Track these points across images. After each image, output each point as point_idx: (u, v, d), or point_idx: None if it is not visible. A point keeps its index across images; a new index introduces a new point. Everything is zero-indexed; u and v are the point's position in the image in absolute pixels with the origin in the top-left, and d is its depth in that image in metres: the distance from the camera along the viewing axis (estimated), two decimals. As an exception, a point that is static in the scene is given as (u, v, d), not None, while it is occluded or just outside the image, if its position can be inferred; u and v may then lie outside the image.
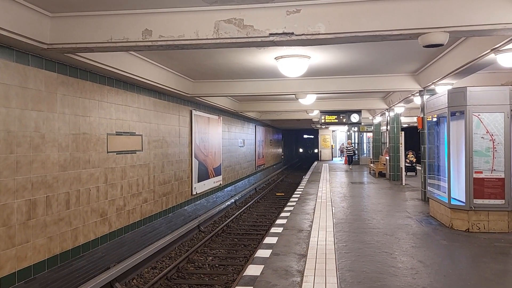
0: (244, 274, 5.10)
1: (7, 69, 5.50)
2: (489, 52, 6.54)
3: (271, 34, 4.99)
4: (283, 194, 20.41)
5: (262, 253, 5.99)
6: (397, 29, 4.82)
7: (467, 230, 7.31)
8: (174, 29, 5.22)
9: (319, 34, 4.92)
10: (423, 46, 5.00)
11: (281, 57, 7.87)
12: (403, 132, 15.65)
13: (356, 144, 31.85)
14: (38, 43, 5.34)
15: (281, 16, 4.97)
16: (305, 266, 5.35)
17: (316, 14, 4.93)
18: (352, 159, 26.01)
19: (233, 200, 17.13)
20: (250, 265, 5.42)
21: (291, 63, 7.91)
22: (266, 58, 8.42)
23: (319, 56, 8.27)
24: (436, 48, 5.16)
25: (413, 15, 4.78)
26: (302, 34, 4.94)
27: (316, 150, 46.44)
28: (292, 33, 4.94)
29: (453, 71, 8.11)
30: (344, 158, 28.47)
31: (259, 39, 5.07)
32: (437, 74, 9.16)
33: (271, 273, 5.11)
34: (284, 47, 7.23)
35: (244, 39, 5.10)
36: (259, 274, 5.04)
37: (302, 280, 4.84)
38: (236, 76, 10.89)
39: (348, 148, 26.34)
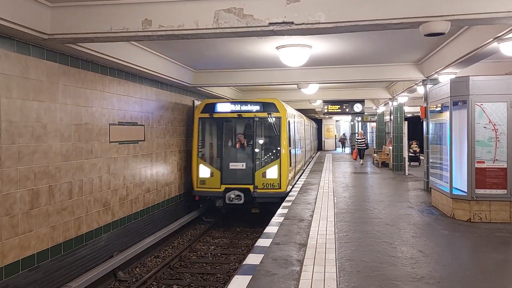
0: (244, 263, 5.14)
1: (8, 59, 5.50)
2: (492, 41, 6.47)
3: (271, 24, 4.95)
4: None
5: (262, 242, 6.03)
6: (397, 17, 4.77)
7: (469, 220, 7.30)
8: (174, 19, 5.19)
9: (319, 23, 4.88)
10: (424, 35, 4.96)
11: (282, 46, 7.83)
12: (406, 122, 15.58)
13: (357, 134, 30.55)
14: (38, 33, 5.34)
15: (281, 5, 4.93)
16: (304, 256, 5.38)
17: (316, 3, 4.88)
18: (363, 153, 20.83)
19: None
20: (250, 254, 5.47)
21: (292, 53, 7.87)
22: (267, 47, 8.37)
23: (320, 46, 8.21)
24: (438, 37, 5.11)
25: (413, 3, 4.72)
26: (302, 23, 4.90)
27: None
28: (292, 22, 4.90)
29: (456, 60, 8.04)
30: (353, 152, 23.38)
31: (259, 29, 5.04)
32: (440, 63, 9.08)
33: (270, 262, 5.15)
34: (285, 36, 7.17)
35: (244, 28, 5.07)
36: (258, 263, 5.08)
37: (301, 269, 4.88)
38: (237, 66, 10.85)
39: (359, 140, 21.33)
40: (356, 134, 25.73)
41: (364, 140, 21.21)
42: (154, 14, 5.24)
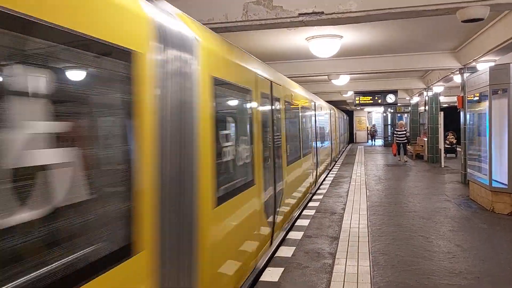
0: (276, 255, 5.14)
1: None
2: (535, 25, 6.14)
3: (300, 14, 4.88)
4: None
5: (294, 235, 6.01)
6: (433, 4, 4.58)
7: (509, 214, 7.01)
8: (204, 13, 5.21)
9: (350, 12, 4.76)
10: (462, 21, 4.75)
11: (312, 37, 7.72)
12: (442, 112, 15.09)
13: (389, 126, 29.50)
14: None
15: (311, -5, 4.85)
16: (337, 249, 5.32)
17: (347, -9, 4.76)
18: (404, 148, 17.61)
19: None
20: (282, 247, 5.46)
21: (323, 43, 7.76)
22: (297, 39, 8.28)
23: (351, 35, 8.04)
24: (476, 23, 4.89)
25: (450, -12, 4.52)
26: (333, 13, 4.80)
27: None
28: (322, 12, 4.81)
29: (495, 47, 7.68)
30: (392, 146, 18.92)
31: (288, 20, 4.98)
32: (478, 51, 8.70)
33: (302, 255, 5.13)
34: (315, 27, 7.07)
35: (273, 20, 5.02)
36: (290, 256, 5.07)
37: (333, 262, 4.83)
38: (266, 58, 10.79)
39: (399, 132, 17.73)
40: (395, 125, 22.62)
41: (404, 132, 17.81)
42: (184, 8, 5.23)
